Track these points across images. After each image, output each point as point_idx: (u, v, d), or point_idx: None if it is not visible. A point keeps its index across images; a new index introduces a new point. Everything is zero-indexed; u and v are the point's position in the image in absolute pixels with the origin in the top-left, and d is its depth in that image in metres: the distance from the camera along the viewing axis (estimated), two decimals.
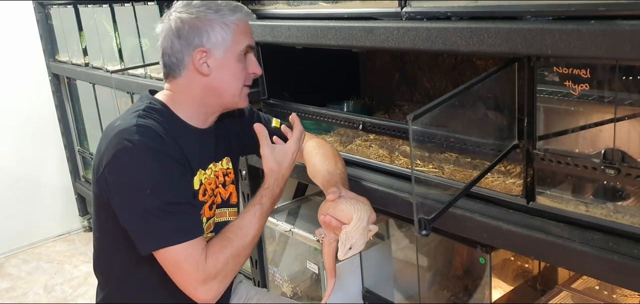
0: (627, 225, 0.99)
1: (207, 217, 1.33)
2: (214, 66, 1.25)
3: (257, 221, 1.26)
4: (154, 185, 1.15)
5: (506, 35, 1.01)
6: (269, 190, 1.29)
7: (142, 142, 1.16)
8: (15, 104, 3.36)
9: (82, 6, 2.79)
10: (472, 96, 1.14)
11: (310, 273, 1.83)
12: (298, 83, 1.90)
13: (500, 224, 1.11)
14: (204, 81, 1.26)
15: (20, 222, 3.46)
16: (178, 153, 1.22)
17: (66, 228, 3.64)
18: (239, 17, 1.26)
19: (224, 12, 1.25)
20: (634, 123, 0.98)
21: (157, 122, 1.22)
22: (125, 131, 1.17)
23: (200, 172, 1.31)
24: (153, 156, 1.17)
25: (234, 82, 1.28)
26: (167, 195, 1.16)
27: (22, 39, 3.34)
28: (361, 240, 1.15)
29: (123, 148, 1.15)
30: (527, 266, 1.60)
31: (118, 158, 1.16)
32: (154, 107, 1.26)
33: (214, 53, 1.25)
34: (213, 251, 1.19)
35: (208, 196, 1.33)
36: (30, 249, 3.49)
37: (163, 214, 1.15)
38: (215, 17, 1.24)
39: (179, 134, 1.26)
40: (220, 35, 1.24)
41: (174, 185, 1.19)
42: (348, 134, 1.67)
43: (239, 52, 1.27)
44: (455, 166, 1.31)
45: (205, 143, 1.34)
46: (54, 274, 3.18)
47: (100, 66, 2.74)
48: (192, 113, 1.30)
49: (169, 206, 1.16)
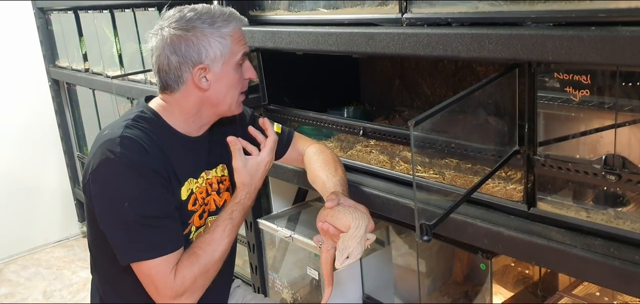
0: (628, 231, 0.99)
1: (197, 226, 1.33)
2: (213, 79, 1.25)
3: (227, 236, 1.26)
4: (132, 199, 1.17)
5: (507, 41, 1.01)
6: (240, 204, 1.30)
7: (124, 155, 1.17)
8: (14, 109, 3.36)
9: (82, 12, 2.79)
10: (472, 101, 1.14)
11: (310, 279, 1.82)
12: (298, 89, 1.90)
13: (501, 230, 1.11)
14: (202, 95, 1.26)
15: (19, 228, 3.45)
16: (163, 165, 1.22)
17: (65, 233, 3.63)
18: (233, 27, 1.26)
19: (219, 23, 1.24)
20: (635, 129, 0.98)
21: (144, 133, 1.23)
22: (110, 142, 1.19)
23: (190, 181, 1.31)
24: (133, 170, 1.18)
25: (231, 92, 1.29)
26: (145, 209, 1.18)
27: (22, 44, 3.34)
28: (358, 249, 1.15)
29: (105, 159, 1.17)
30: (527, 272, 1.60)
31: (100, 169, 1.18)
32: (144, 116, 1.27)
33: (213, 67, 1.24)
34: (181, 268, 1.21)
35: (198, 205, 1.33)
36: (29, 255, 3.48)
37: (139, 228, 1.18)
38: (210, 30, 1.22)
39: (168, 144, 1.27)
40: (218, 50, 1.23)
41: (153, 199, 1.19)
42: (348, 140, 1.67)
43: (236, 61, 1.27)
44: (456, 172, 1.31)
45: (197, 151, 1.34)
46: (53, 280, 3.17)
47: (100, 72, 2.74)
48: (184, 123, 1.30)
49: (145, 220, 1.18)
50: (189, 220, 1.31)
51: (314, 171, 1.40)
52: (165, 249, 1.19)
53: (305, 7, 1.58)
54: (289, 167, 1.62)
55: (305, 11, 1.58)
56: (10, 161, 3.37)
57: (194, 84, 1.24)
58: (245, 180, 1.30)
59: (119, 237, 1.20)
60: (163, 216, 1.21)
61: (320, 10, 1.53)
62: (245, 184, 1.31)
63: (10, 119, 3.35)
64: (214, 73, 1.25)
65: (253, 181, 1.31)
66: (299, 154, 1.52)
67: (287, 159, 1.54)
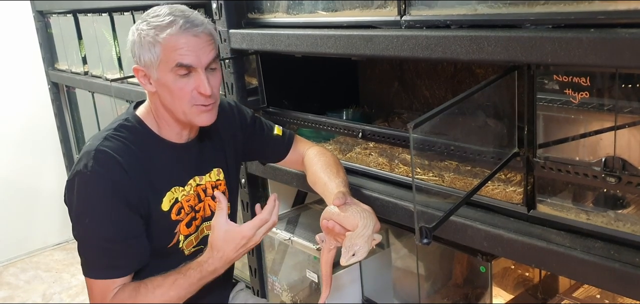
0: (629, 233, 0.98)
1: (185, 234, 1.32)
2: (156, 84, 1.23)
3: (175, 289, 1.22)
4: (93, 217, 1.19)
5: (506, 44, 1.01)
6: (199, 265, 1.23)
7: (94, 171, 1.18)
8: (14, 112, 3.36)
9: (81, 15, 2.79)
10: (472, 104, 1.14)
11: (309, 282, 1.82)
12: (297, 91, 1.90)
13: (500, 233, 1.11)
14: (157, 98, 1.25)
15: (18, 231, 3.45)
16: (137, 183, 1.21)
17: (64, 236, 3.63)
18: (169, 33, 1.17)
19: (159, 28, 1.18)
20: (635, 131, 0.98)
21: (124, 144, 1.22)
22: (87, 154, 1.20)
23: (175, 190, 1.29)
24: (100, 189, 1.18)
25: (176, 102, 1.21)
26: (102, 231, 1.20)
27: (22, 47, 3.35)
28: (365, 248, 1.15)
29: (78, 172, 1.19)
30: (527, 275, 1.60)
31: (72, 180, 1.21)
32: (127, 125, 1.26)
33: (150, 72, 1.22)
34: (121, 295, 1.21)
35: (184, 213, 1.31)
36: (28, 258, 3.48)
37: (93, 246, 1.21)
38: (146, 33, 1.19)
39: (152, 152, 1.26)
40: (147, 56, 1.20)
41: (113, 222, 1.20)
42: (347, 142, 1.67)
43: (170, 70, 1.19)
44: (456, 174, 1.30)
45: (185, 158, 1.32)
46: (52, 283, 3.16)
47: (100, 75, 2.74)
48: (166, 127, 1.29)
49: (100, 241, 1.20)
50: (174, 230, 1.30)
51: (315, 173, 1.40)
52: (112, 273, 1.21)
53: (304, 9, 1.58)
54: (288, 170, 1.61)
55: (304, 14, 1.58)
56: (9, 164, 3.37)
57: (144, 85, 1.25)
58: (215, 243, 1.22)
59: (79, 248, 1.23)
60: (121, 239, 1.21)
61: (319, 12, 1.53)
62: (213, 247, 1.22)
63: (9, 122, 3.35)
64: (154, 78, 1.22)
65: (224, 248, 1.22)
66: (299, 157, 1.52)
67: (287, 162, 1.54)
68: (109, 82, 2.55)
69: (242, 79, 1.78)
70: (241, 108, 1.51)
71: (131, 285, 1.23)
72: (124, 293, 1.21)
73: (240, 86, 1.77)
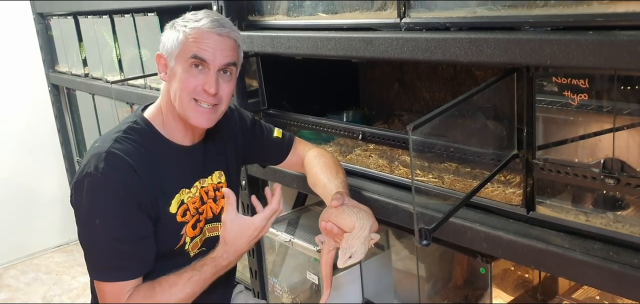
0: (627, 234, 0.99)
1: (191, 236, 1.33)
2: (170, 74, 1.26)
3: (190, 286, 1.23)
4: (104, 219, 1.18)
5: (505, 46, 1.01)
6: (214, 260, 1.25)
7: (105, 173, 1.17)
8: (14, 114, 3.36)
9: (82, 17, 2.80)
10: (471, 106, 1.14)
11: (310, 284, 1.82)
12: (298, 93, 1.90)
13: (500, 234, 1.11)
14: (167, 91, 1.27)
15: (18, 233, 3.45)
16: (147, 185, 1.22)
17: (65, 238, 3.63)
18: (194, 27, 1.22)
19: (191, 22, 1.23)
20: (633, 133, 0.99)
21: (134, 147, 1.23)
22: (96, 156, 1.19)
23: (182, 192, 1.30)
24: (111, 190, 1.18)
25: (180, 93, 1.23)
26: (114, 232, 1.19)
27: (22, 49, 3.35)
28: (362, 249, 1.15)
29: (87, 174, 1.19)
30: (527, 276, 1.60)
31: (81, 181, 1.20)
32: (137, 128, 1.27)
33: (169, 61, 1.25)
34: (136, 297, 1.21)
35: (190, 215, 1.32)
36: (28, 260, 3.48)
37: (105, 248, 1.20)
38: (180, 25, 1.24)
39: (161, 155, 1.27)
40: (170, 42, 1.24)
41: (125, 223, 1.20)
42: (348, 144, 1.67)
43: (186, 60, 1.22)
44: (455, 176, 1.31)
45: (192, 161, 1.33)
46: (53, 285, 3.16)
47: (100, 77, 2.75)
48: (172, 128, 1.29)
49: (112, 242, 1.19)
50: (180, 232, 1.30)
51: (315, 174, 1.40)
52: (125, 274, 1.20)
53: (304, 12, 1.59)
54: (288, 172, 1.62)
55: (304, 16, 1.59)
56: (9, 166, 3.37)
57: (160, 72, 1.28)
58: (228, 238, 1.24)
59: (87, 250, 1.22)
60: (132, 240, 1.21)
61: (319, 15, 1.54)
62: (226, 242, 1.24)
63: (10, 124, 3.35)
64: (170, 67, 1.25)
65: (236, 242, 1.24)
66: (299, 159, 1.52)
67: (287, 164, 1.55)
68: (110, 85, 2.55)
69: (243, 81, 1.79)
70: (241, 112, 1.52)
71: (145, 285, 1.22)
72: (139, 294, 1.21)
73: (240, 88, 1.78)
